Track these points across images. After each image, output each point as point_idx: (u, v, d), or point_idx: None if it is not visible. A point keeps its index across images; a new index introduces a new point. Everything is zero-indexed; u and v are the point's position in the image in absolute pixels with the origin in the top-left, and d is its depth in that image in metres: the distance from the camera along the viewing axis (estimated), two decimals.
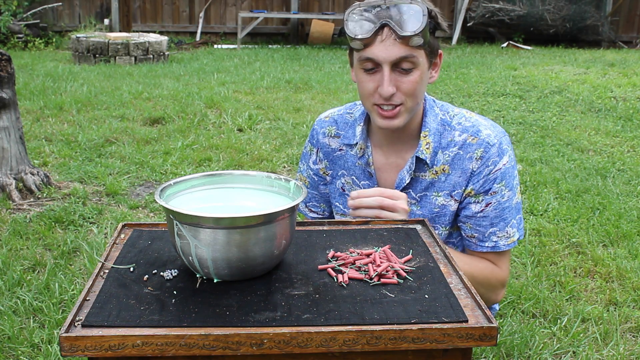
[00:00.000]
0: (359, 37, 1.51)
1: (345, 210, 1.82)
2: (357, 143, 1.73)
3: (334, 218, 1.92)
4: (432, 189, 1.68)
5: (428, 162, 1.65)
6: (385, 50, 1.50)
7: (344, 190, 1.80)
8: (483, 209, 1.64)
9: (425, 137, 1.65)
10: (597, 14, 11.44)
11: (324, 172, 1.84)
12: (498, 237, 1.65)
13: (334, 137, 1.79)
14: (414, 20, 1.48)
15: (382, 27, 1.49)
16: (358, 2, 1.54)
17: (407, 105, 1.57)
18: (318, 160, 1.84)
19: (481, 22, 11.66)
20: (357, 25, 1.51)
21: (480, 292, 1.64)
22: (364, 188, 1.75)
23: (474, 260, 1.66)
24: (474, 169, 1.64)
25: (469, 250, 1.71)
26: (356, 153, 1.74)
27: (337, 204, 1.84)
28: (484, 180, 1.63)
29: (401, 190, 1.67)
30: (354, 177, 1.77)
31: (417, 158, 1.66)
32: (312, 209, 1.91)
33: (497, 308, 2.02)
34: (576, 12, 11.27)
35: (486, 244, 1.66)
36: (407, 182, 1.67)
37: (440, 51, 1.63)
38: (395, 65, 1.53)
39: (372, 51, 1.52)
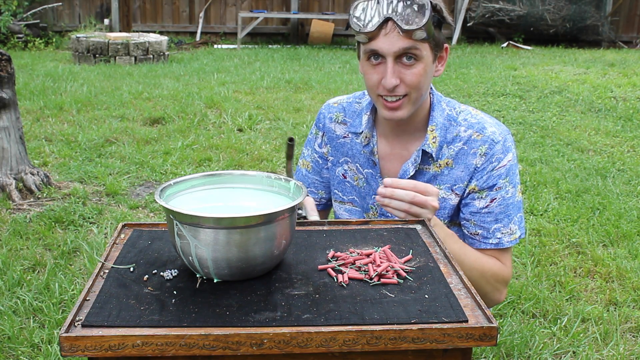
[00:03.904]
0: (364, 30, 1.54)
1: (344, 197, 1.84)
2: (362, 131, 1.75)
3: (331, 206, 1.93)
4: (435, 182, 1.70)
5: (434, 155, 1.68)
6: (388, 42, 1.53)
7: (345, 177, 1.83)
8: (488, 205, 1.66)
9: (432, 131, 1.68)
10: (597, 14, 11.44)
11: (327, 157, 1.87)
12: (502, 233, 1.66)
13: (341, 123, 1.82)
14: (417, 14, 1.50)
15: (386, 20, 1.52)
16: None
17: (411, 97, 1.60)
18: (323, 144, 1.87)
19: (481, 22, 11.65)
20: (362, 19, 1.54)
21: (487, 290, 1.65)
22: (367, 176, 1.77)
23: (484, 257, 1.67)
24: (478, 165, 1.66)
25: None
26: (361, 141, 1.76)
27: (336, 191, 1.86)
28: (487, 177, 1.65)
29: None
30: (358, 165, 1.79)
31: (423, 151, 1.68)
32: (309, 195, 1.90)
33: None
34: (576, 12, 11.27)
35: (490, 241, 1.67)
36: (412, 174, 1.70)
37: (446, 45, 1.65)
38: (399, 57, 1.55)
39: (377, 44, 1.55)
